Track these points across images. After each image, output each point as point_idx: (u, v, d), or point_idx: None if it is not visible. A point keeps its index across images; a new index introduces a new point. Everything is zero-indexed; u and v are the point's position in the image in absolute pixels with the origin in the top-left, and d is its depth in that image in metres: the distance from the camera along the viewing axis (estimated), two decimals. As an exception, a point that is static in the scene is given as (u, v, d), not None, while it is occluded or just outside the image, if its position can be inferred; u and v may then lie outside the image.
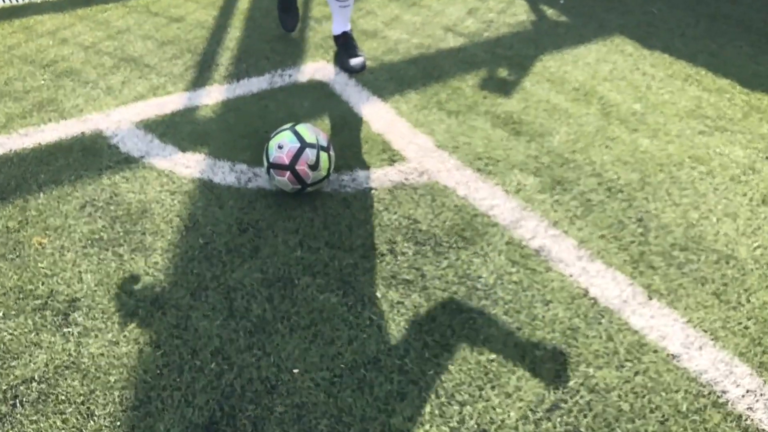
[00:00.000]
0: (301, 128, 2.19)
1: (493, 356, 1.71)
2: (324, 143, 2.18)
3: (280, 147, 2.13)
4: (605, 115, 2.75)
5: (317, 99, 2.85)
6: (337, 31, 3.07)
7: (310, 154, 2.13)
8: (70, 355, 1.68)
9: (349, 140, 2.55)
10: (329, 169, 2.20)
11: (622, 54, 3.28)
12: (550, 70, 3.11)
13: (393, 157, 2.47)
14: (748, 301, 1.88)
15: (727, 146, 2.55)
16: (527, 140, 2.58)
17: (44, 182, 2.29)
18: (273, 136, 2.19)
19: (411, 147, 2.53)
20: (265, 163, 2.17)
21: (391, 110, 2.76)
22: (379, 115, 2.73)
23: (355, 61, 2.94)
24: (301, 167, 2.12)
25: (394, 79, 3.02)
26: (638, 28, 3.56)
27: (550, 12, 3.81)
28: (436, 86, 2.95)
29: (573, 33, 3.51)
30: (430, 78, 3.02)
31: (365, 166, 2.41)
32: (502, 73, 3.08)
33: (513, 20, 3.68)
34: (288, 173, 2.13)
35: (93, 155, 2.44)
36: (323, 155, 2.16)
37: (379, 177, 2.35)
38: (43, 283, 1.89)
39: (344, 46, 3.05)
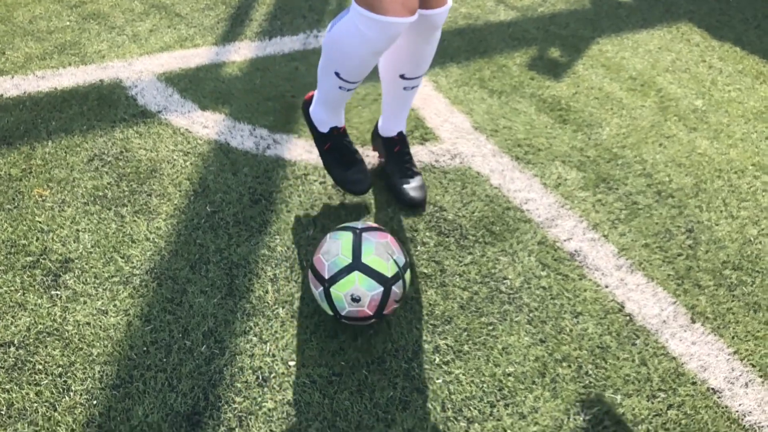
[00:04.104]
0: (367, 253, 1.48)
1: (510, 370, 1.54)
2: (401, 259, 1.53)
3: (355, 299, 1.47)
4: (662, 110, 2.51)
5: (351, 65, 2.66)
6: (390, 130, 2.00)
7: (397, 290, 1.50)
8: (54, 320, 1.57)
9: (379, 112, 2.37)
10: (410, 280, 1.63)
11: (688, 43, 3.00)
12: (607, 54, 2.86)
13: (425, 136, 2.29)
14: (807, 336, 1.67)
15: (797, 156, 2.29)
16: (573, 130, 2.36)
17: (54, 130, 2.17)
18: (335, 278, 1.48)
19: (446, 126, 2.34)
20: (329, 311, 1.54)
21: (428, 83, 2.56)
22: (415, 89, 2.53)
23: (415, 192, 1.95)
24: (390, 309, 1.52)
25: (436, 49, 2.80)
26: (709, 16, 3.26)
27: (612, -9, 3.52)
28: (480, 62, 2.73)
29: (636, 16, 3.22)
30: (474, 52, 2.80)
31: (394, 143, 2.22)
32: (554, 53, 2.84)
33: (571, -3, 3.41)
34: (373, 320, 1.55)
35: (109, 106, 2.31)
36: (407, 276, 1.55)
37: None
38: (37, 239, 1.77)
39: (398, 157, 2.00)
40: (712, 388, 1.53)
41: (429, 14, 1.66)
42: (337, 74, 1.67)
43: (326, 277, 1.48)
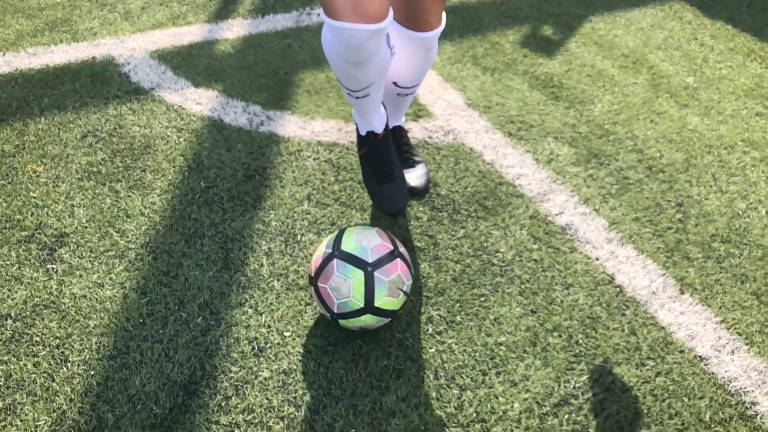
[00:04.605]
0: (380, 297, 1.45)
1: (502, 339, 1.56)
2: (410, 284, 1.52)
3: (362, 329, 1.50)
4: (654, 87, 2.52)
5: (344, 43, 2.66)
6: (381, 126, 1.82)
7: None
8: (50, 293, 1.58)
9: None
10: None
11: (680, 21, 3.01)
12: (599, 32, 2.87)
13: (418, 112, 2.30)
14: (793, 306, 1.70)
15: (786, 132, 2.32)
16: (566, 106, 2.37)
17: (47, 107, 2.17)
18: (345, 315, 1.46)
19: (439, 103, 2.35)
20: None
21: (421, 61, 2.56)
22: (408, 66, 2.53)
23: (416, 180, 1.91)
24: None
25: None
26: (700, -5, 3.26)
27: (605, -31, 3.52)
28: (473, 39, 2.74)
29: (628, -6, 3.23)
30: (467, 30, 2.80)
31: (387, 120, 2.23)
32: (547, 31, 2.85)
33: (564, -25, 3.41)
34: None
35: (101, 83, 2.31)
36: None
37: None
38: (32, 214, 1.78)
39: (397, 149, 1.98)
40: (700, 356, 1.56)
41: (419, 36, 1.65)
42: (338, 80, 1.65)
43: (335, 311, 1.45)
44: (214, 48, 2.57)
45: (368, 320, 1.47)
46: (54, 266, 1.65)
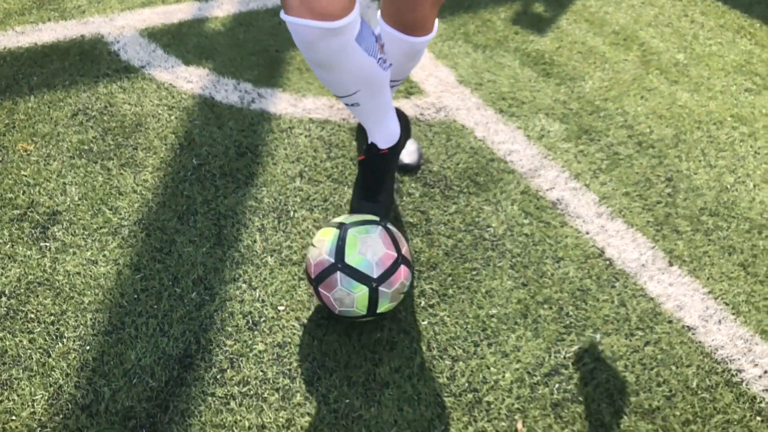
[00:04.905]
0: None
1: (493, 312, 1.58)
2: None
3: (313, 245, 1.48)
4: (644, 64, 2.53)
5: (335, 20, 2.64)
6: None
7: (340, 279, 1.41)
8: (44, 271, 1.59)
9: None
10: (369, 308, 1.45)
11: (670, -2, 3.01)
12: (590, 9, 2.86)
13: (410, 90, 2.30)
14: (779, 277, 1.73)
15: (775, 107, 2.34)
16: (557, 83, 2.38)
17: (36, 85, 2.16)
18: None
19: (430, 80, 2.35)
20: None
21: (412, 39, 2.56)
22: (399, 43, 2.53)
23: (408, 157, 1.94)
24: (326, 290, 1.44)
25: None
26: (691, -29, 3.26)
27: (596, -54, 3.51)
28: (464, 16, 2.73)
29: (619, -29, 3.22)
30: (459, 6, 2.80)
31: (378, 97, 2.23)
32: (538, 8, 2.85)
33: (555, -48, 3.39)
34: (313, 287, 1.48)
35: (91, 61, 2.29)
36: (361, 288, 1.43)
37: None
38: (24, 192, 1.78)
39: None
40: (687, 326, 1.59)
41: (412, 41, 1.64)
42: None
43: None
44: (205, 26, 2.55)
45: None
46: (47, 244, 1.65)
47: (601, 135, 2.15)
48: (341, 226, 1.47)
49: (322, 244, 1.45)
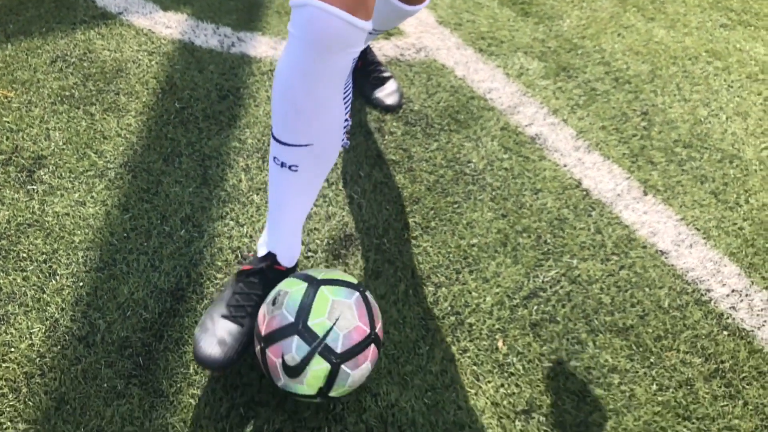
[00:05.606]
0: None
1: (474, 241, 1.64)
2: (338, 342, 1.19)
3: (274, 301, 1.24)
4: (622, 1, 2.55)
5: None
6: None
7: (296, 345, 1.18)
8: (33, 213, 1.61)
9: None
10: (322, 388, 1.20)
11: (648, -64, 3.00)
12: (569, -52, 2.85)
13: (390, 31, 2.30)
14: (747, 202, 1.79)
15: (749, 42, 2.37)
16: (535, 22, 2.40)
17: (13, 33, 2.14)
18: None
19: (410, 21, 2.35)
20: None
21: (391, -19, 2.55)
22: (378, -15, 2.52)
23: (389, 98, 1.96)
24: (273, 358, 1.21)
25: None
26: None
27: None
28: (442, -42, 2.71)
29: None
30: (437, -51, 2.77)
31: (358, 39, 2.24)
32: (516, -52, 2.83)
33: None
34: (258, 348, 1.24)
35: (67, 8, 2.26)
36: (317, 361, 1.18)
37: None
38: (7, 138, 1.79)
39: (363, 70, 2.02)
40: (660, 250, 1.66)
41: (408, 9, 1.60)
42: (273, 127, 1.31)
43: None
44: (180, -29, 2.51)
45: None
46: (34, 187, 1.67)
47: (578, 72, 2.18)
48: (312, 281, 1.24)
49: (283, 298, 1.22)
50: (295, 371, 1.18)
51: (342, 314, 1.20)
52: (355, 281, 1.28)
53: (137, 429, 1.25)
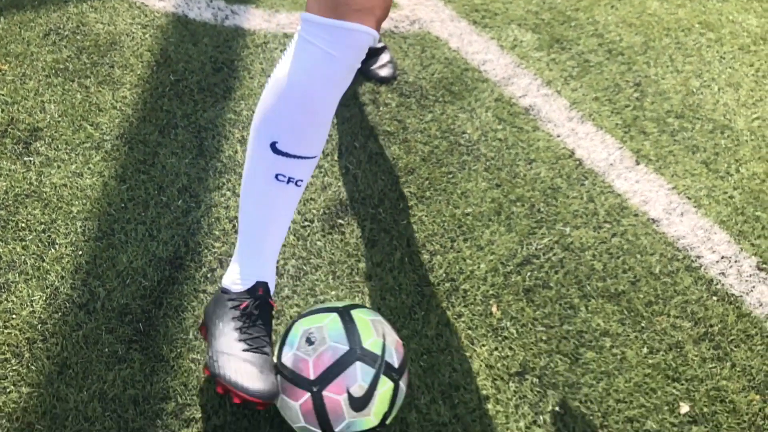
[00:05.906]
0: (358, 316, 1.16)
1: (468, 210, 1.66)
2: (393, 357, 1.13)
3: (309, 341, 1.12)
4: (616, -26, 2.54)
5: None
6: None
7: (360, 371, 1.09)
8: (31, 184, 1.62)
9: None
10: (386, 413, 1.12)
11: None
12: None
13: (383, 4, 2.30)
14: (738, 171, 1.82)
15: (741, 14, 2.38)
16: (529, -6, 2.39)
17: (5, 6, 2.12)
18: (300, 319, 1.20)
19: (404, -6, 2.35)
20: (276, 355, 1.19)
21: (385, -47, 2.54)
22: (371, -42, 2.50)
23: (384, 71, 1.98)
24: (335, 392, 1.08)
25: None
26: None
27: None
28: (436, -70, 2.70)
29: None
30: None
31: (353, 11, 2.23)
32: None
33: None
34: (307, 397, 1.10)
35: (58, -19, 2.25)
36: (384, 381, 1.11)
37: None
38: (2, 111, 1.79)
39: None
40: (652, 219, 1.68)
41: None
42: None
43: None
44: (173, -56, 2.50)
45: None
46: (31, 158, 1.68)
47: (572, 44, 2.19)
48: (335, 310, 1.15)
49: (321, 333, 1.10)
50: (363, 402, 1.07)
51: (385, 330, 1.14)
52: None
53: (139, 392, 1.27)
